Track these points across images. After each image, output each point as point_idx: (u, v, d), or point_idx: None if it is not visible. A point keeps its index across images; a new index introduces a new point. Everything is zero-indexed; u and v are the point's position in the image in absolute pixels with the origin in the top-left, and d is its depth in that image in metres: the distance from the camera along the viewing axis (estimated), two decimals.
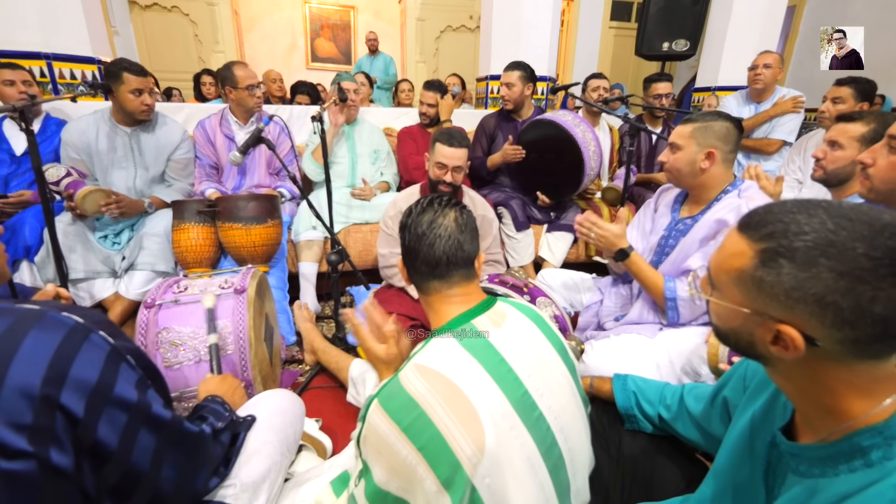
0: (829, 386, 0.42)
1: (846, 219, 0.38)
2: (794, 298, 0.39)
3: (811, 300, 0.38)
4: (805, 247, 0.38)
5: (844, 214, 0.38)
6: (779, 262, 0.39)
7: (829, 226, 0.38)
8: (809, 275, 0.38)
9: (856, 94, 1.72)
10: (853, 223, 0.37)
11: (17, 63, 1.71)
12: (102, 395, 0.45)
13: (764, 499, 0.52)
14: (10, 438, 0.39)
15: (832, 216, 0.38)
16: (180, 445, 0.55)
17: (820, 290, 0.37)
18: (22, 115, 1.11)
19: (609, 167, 2.25)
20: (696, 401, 0.74)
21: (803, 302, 0.38)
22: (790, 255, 0.39)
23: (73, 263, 1.45)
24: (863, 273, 0.36)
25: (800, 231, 0.38)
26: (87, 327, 0.47)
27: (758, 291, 0.41)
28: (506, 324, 0.62)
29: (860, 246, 0.36)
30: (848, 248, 0.36)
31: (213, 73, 3.21)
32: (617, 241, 1.13)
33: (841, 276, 0.36)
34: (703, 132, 1.06)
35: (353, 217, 1.89)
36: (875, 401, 0.41)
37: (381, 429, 0.52)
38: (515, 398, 0.55)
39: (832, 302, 0.37)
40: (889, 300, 0.36)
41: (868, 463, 0.39)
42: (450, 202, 0.67)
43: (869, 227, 0.37)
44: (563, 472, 0.59)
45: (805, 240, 0.38)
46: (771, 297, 0.40)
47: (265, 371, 1.11)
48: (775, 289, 0.40)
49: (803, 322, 0.39)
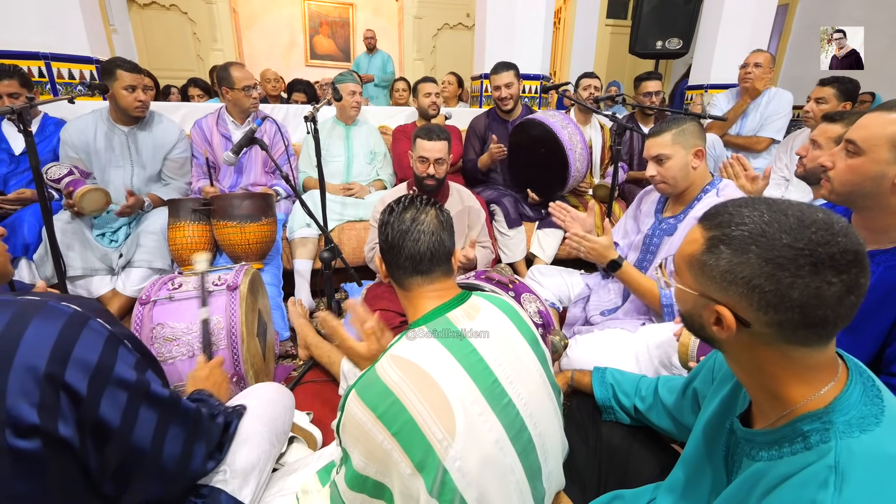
0: (770, 371, 0.45)
1: (782, 213, 0.41)
2: (728, 280, 0.43)
3: (741, 283, 0.42)
4: (741, 235, 0.42)
5: (783, 210, 0.42)
6: (719, 248, 0.43)
7: (766, 218, 0.42)
8: (741, 260, 0.42)
9: (838, 93, 1.74)
10: (787, 217, 0.41)
11: (14, 64, 1.73)
12: (103, 376, 0.48)
13: (725, 482, 0.55)
14: (24, 412, 0.42)
15: (771, 210, 0.42)
16: (180, 420, 0.57)
17: (748, 274, 0.41)
18: (20, 117, 1.13)
19: (601, 164, 2.27)
20: (669, 392, 0.77)
21: (735, 284, 0.42)
22: (728, 241, 0.43)
23: (71, 261, 1.48)
24: (784, 261, 0.40)
25: (741, 222, 0.43)
26: (86, 314, 0.50)
27: (701, 274, 0.45)
28: (479, 316, 0.65)
29: (786, 237, 0.40)
30: (775, 238, 0.40)
31: (200, 83, 3.22)
32: (606, 253, 1.16)
33: (766, 262, 0.40)
34: (682, 136, 1.09)
35: (346, 214, 1.91)
36: (813, 388, 0.44)
37: (358, 416, 0.55)
38: (485, 386, 0.58)
39: (758, 285, 0.41)
40: (805, 287, 0.39)
41: (807, 446, 0.42)
42: (429, 201, 0.70)
43: (799, 222, 0.40)
44: (533, 455, 0.61)
45: (742, 229, 0.42)
46: (711, 280, 0.44)
47: (258, 366, 1.14)
48: (713, 271, 0.44)
49: (736, 304, 0.43)
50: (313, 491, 0.74)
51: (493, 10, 2.87)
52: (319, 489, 0.74)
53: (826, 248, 0.39)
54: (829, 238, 0.39)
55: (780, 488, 0.41)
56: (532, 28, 2.86)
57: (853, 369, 0.45)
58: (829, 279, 0.39)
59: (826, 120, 1.19)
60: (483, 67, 3.00)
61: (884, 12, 3.44)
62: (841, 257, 0.39)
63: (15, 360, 0.43)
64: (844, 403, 0.42)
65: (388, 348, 0.60)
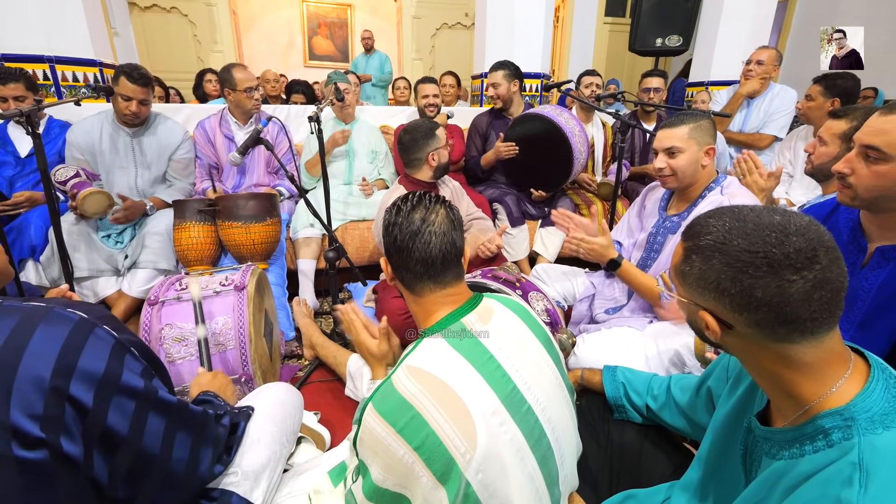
0: (773, 370, 0.46)
1: (741, 220, 0.44)
2: (701, 286, 0.47)
3: (711, 287, 0.45)
4: (707, 244, 0.46)
5: (742, 217, 0.45)
6: (691, 258, 0.47)
7: (727, 226, 0.45)
8: (707, 266, 0.45)
9: (824, 90, 1.74)
10: (745, 224, 0.44)
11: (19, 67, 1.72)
12: (110, 385, 0.47)
13: (743, 481, 0.54)
14: (27, 426, 0.41)
15: (734, 219, 0.45)
16: (187, 425, 0.57)
17: (714, 279, 0.45)
18: (28, 120, 1.14)
19: (603, 162, 2.27)
20: (682, 391, 0.77)
21: (707, 289, 0.46)
22: (698, 250, 0.47)
23: (77, 262, 1.48)
24: (742, 264, 0.43)
25: (707, 231, 0.46)
26: (92, 322, 0.49)
27: (683, 282, 0.49)
28: (493, 320, 0.63)
29: (742, 241, 0.43)
30: (733, 244, 0.43)
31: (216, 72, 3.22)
32: (606, 253, 1.15)
33: (727, 267, 0.44)
34: (698, 131, 1.07)
35: (350, 214, 1.91)
36: (823, 385, 0.44)
37: (377, 431, 0.53)
38: (504, 394, 0.57)
39: (725, 289, 0.44)
40: (766, 287, 0.41)
41: (829, 443, 0.42)
42: (438, 199, 0.66)
43: (755, 227, 0.43)
44: (551, 461, 0.60)
45: (708, 238, 0.46)
46: (690, 287, 0.48)
47: (265, 365, 1.13)
48: (688, 279, 0.48)
49: (714, 307, 0.46)
50: (325, 491, 0.74)
51: (492, 8, 2.87)
52: (331, 489, 0.74)
53: (780, 249, 0.41)
54: (783, 239, 0.41)
55: (803, 486, 0.41)
56: (532, 26, 2.85)
57: (875, 366, 0.45)
58: (788, 277, 0.40)
59: (832, 116, 1.19)
60: (483, 66, 3.00)
61: (885, 8, 3.43)
62: (796, 256, 0.40)
63: (19, 369, 0.42)
64: (867, 400, 0.42)
65: (403, 358, 0.59)
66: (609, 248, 1.16)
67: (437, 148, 1.43)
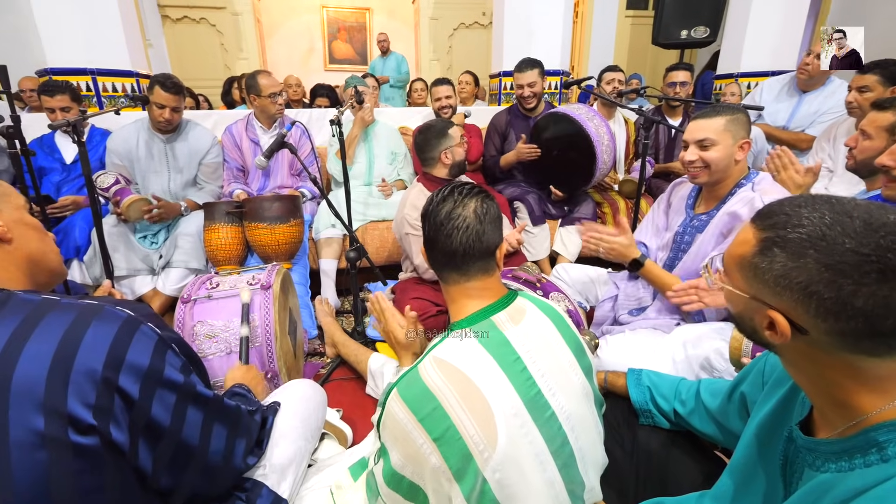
0: (834, 379, 0.42)
1: (847, 215, 0.38)
2: (782, 286, 0.40)
3: (797, 288, 0.39)
4: (798, 238, 0.39)
5: (847, 211, 0.38)
6: (773, 251, 0.41)
7: (827, 220, 0.39)
8: (797, 264, 0.39)
9: (882, 79, 1.61)
10: (852, 220, 0.38)
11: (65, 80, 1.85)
12: (154, 378, 0.50)
13: (782, 494, 0.52)
14: (82, 413, 0.45)
15: (834, 212, 0.39)
16: (223, 418, 0.60)
17: (804, 280, 0.39)
18: (75, 129, 1.25)
19: (625, 159, 2.21)
20: (712, 396, 0.73)
21: (790, 290, 0.40)
22: (783, 244, 0.40)
23: (116, 262, 1.57)
24: (846, 267, 0.37)
25: (799, 223, 0.40)
26: (138, 319, 0.52)
27: (753, 277, 0.43)
28: (524, 321, 0.62)
29: (850, 241, 0.37)
30: (837, 243, 0.37)
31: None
32: (627, 252, 1.11)
33: (826, 268, 0.38)
34: (735, 124, 1.03)
35: (370, 215, 1.94)
36: (886, 398, 0.40)
37: (399, 417, 0.55)
38: (528, 397, 0.56)
39: (815, 292, 0.38)
40: (871, 296, 0.36)
41: (884, 458, 0.39)
42: (472, 191, 0.65)
43: (865, 225, 0.37)
44: (574, 469, 0.59)
45: (800, 232, 0.39)
46: (763, 284, 0.42)
47: (289, 363, 1.17)
48: (766, 275, 0.41)
49: (791, 310, 0.41)
50: (346, 486, 0.75)
51: (510, 6, 2.84)
52: (352, 484, 0.75)
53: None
54: None
55: (854, 503, 0.38)
56: (551, 23, 2.81)
57: None
58: None
59: (875, 108, 1.11)
60: (501, 65, 2.97)
61: None
62: None
63: (76, 362, 0.45)
64: None
65: (431, 348, 0.60)
66: (630, 247, 1.12)
67: (451, 146, 1.44)
